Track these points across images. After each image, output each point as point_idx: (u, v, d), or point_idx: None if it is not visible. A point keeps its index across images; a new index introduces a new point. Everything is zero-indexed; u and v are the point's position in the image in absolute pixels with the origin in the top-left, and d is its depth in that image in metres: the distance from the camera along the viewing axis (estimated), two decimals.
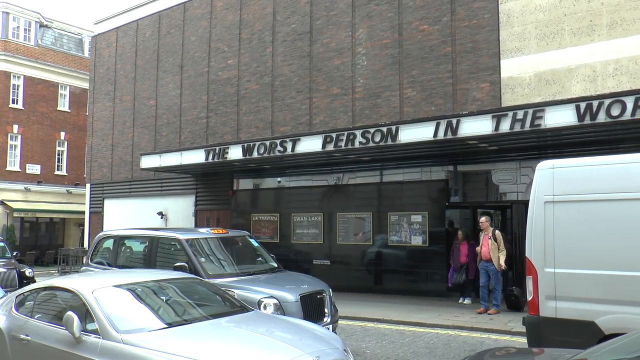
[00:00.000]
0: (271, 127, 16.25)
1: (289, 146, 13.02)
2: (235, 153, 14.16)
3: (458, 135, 10.66)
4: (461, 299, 12.09)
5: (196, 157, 15.08)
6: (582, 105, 9.32)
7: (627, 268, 5.12)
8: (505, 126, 10.11)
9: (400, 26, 13.98)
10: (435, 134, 10.89)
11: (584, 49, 11.39)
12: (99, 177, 21.82)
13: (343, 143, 12.17)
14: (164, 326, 4.85)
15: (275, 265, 9.04)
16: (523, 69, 12.08)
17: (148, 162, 16.57)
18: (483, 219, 11.12)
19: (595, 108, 9.18)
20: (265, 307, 7.08)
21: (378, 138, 11.64)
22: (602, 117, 9.13)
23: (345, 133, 12.22)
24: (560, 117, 9.59)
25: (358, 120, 14.37)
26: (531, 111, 9.85)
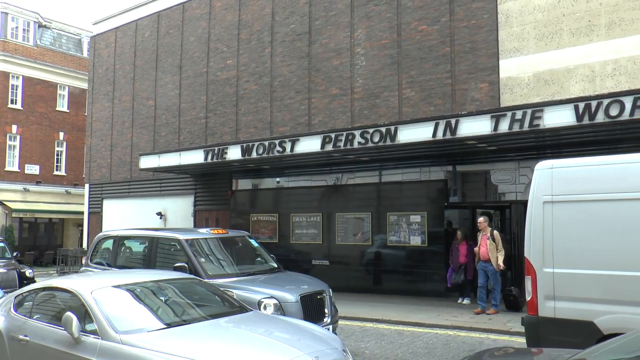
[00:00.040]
0: (270, 128, 16.25)
1: (288, 146, 13.02)
2: (234, 153, 14.16)
3: (457, 135, 10.67)
4: (460, 299, 12.11)
5: (195, 158, 15.08)
6: (581, 105, 9.33)
7: (626, 268, 5.13)
8: (504, 126, 10.12)
9: (399, 26, 13.98)
10: (434, 134, 10.90)
11: (583, 49, 11.40)
12: (98, 178, 21.81)
13: (342, 143, 12.17)
14: (163, 326, 4.85)
15: (275, 265, 9.01)
16: (522, 69, 12.09)
17: (147, 163, 16.57)
18: (481, 219, 11.14)
19: (593, 108, 9.19)
20: (265, 308, 7.05)
21: (377, 138, 11.65)
22: (601, 117, 9.14)
23: (344, 133, 12.22)
24: (559, 117, 9.60)
25: (357, 120, 14.38)
26: (530, 111, 9.86)
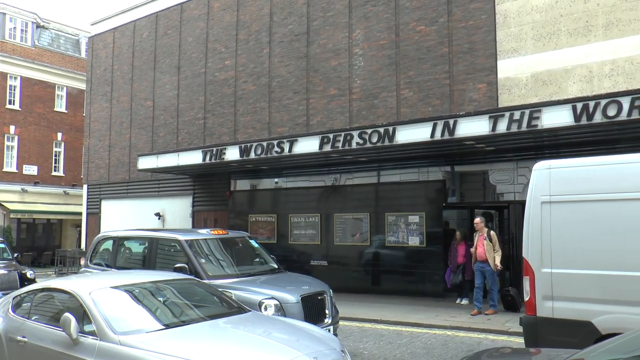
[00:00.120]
0: (268, 128, 16.24)
1: (286, 147, 13.02)
2: (232, 154, 14.15)
3: (455, 135, 10.68)
4: (458, 300, 12.12)
5: (193, 158, 15.07)
6: (579, 105, 9.34)
7: (624, 268, 5.13)
8: (502, 127, 10.13)
9: (397, 27, 13.99)
10: (432, 135, 10.91)
11: (580, 50, 11.42)
12: (96, 178, 21.78)
13: (340, 144, 12.17)
14: (162, 327, 4.84)
15: (275, 266, 8.96)
16: (520, 70, 12.10)
17: (145, 163, 16.56)
18: (478, 220, 11.14)
19: (591, 108, 9.20)
20: (266, 309, 7.01)
21: (375, 139, 11.65)
22: (599, 118, 9.15)
23: (342, 134, 12.22)
24: (557, 118, 9.61)
25: (355, 121, 14.38)
26: (528, 112, 9.87)
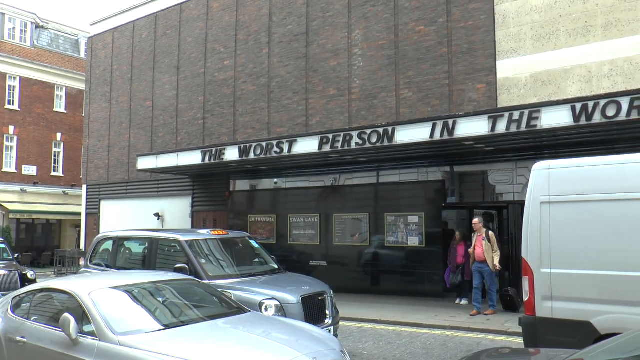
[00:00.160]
0: (268, 128, 16.24)
1: (286, 147, 13.02)
2: (231, 154, 14.15)
3: (454, 136, 10.68)
4: (458, 300, 12.12)
5: (193, 159, 15.07)
6: (578, 106, 9.35)
7: (623, 268, 5.14)
8: (501, 127, 10.13)
9: (396, 27, 14.00)
10: (431, 135, 10.91)
11: (580, 50, 11.43)
12: (96, 179, 21.78)
13: (339, 144, 12.18)
14: (161, 328, 4.84)
15: (275, 266, 8.94)
16: (519, 70, 12.11)
17: (144, 164, 16.55)
18: (476, 220, 11.15)
19: (590, 109, 9.21)
20: (266, 309, 6.99)
21: (374, 139, 11.66)
22: (598, 118, 9.16)
23: (341, 134, 12.23)
24: (556, 118, 9.62)
25: (354, 121, 14.38)
26: (527, 112, 9.88)
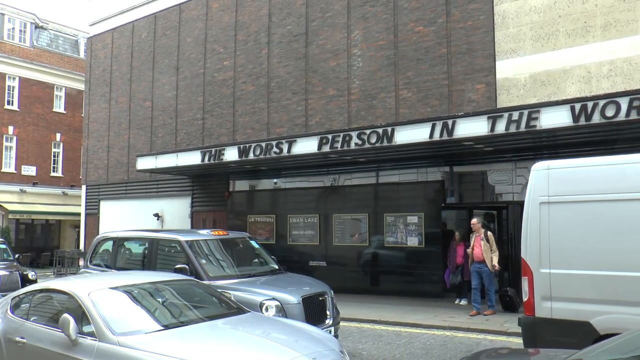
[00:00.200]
0: (267, 129, 16.25)
1: (285, 147, 13.02)
2: (231, 154, 14.15)
3: (454, 136, 10.68)
4: (457, 300, 12.12)
5: (192, 159, 15.07)
6: (577, 106, 9.36)
7: (622, 268, 5.14)
8: (500, 127, 10.14)
9: (395, 27, 14.00)
10: (431, 135, 10.92)
11: (579, 50, 11.43)
12: (95, 179, 21.77)
13: (339, 144, 12.18)
14: (160, 328, 4.84)
15: (276, 267, 8.93)
16: (518, 70, 12.12)
17: (144, 164, 16.54)
18: (474, 221, 11.15)
19: (590, 109, 9.22)
20: (267, 309, 6.98)
21: (374, 139, 11.66)
22: (597, 118, 9.17)
23: (341, 134, 12.23)
24: (555, 118, 9.63)
25: (354, 121, 14.39)
26: (526, 112, 9.88)
